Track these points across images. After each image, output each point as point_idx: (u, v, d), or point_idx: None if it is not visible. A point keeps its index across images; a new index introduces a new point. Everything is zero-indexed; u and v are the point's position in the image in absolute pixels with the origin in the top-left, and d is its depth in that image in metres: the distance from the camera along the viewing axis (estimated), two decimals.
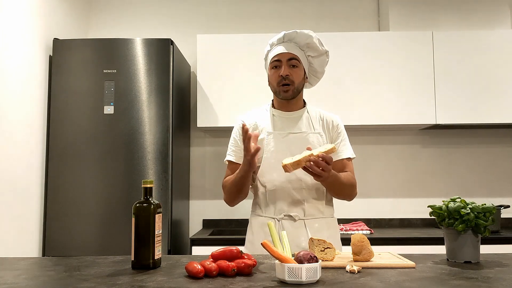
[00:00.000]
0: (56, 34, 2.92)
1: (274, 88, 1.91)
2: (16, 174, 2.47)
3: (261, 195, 1.89)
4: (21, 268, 1.44)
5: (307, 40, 1.87)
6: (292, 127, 1.91)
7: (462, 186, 3.38)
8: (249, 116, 1.98)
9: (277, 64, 1.88)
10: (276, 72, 1.88)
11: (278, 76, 1.86)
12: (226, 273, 1.28)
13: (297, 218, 1.83)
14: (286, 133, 1.89)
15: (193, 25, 3.55)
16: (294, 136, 1.88)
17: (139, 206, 1.41)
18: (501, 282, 1.19)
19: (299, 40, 1.88)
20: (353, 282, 1.21)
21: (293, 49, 1.87)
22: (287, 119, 1.93)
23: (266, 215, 1.86)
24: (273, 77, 1.89)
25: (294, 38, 1.88)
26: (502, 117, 3.03)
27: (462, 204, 1.49)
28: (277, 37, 1.90)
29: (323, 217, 1.88)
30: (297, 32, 1.87)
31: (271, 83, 1.92)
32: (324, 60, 1.94)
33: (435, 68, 3.08)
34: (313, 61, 1.93)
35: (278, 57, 1.87)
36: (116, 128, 2.72)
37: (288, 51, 1.86)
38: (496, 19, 3.28)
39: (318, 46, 1.90)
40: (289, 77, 1.85)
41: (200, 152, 3.46)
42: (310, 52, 1.90)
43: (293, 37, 1.88)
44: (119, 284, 1.20)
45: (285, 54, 1.86)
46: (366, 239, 1.48)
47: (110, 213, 2.67)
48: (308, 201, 1.84)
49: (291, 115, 1.93)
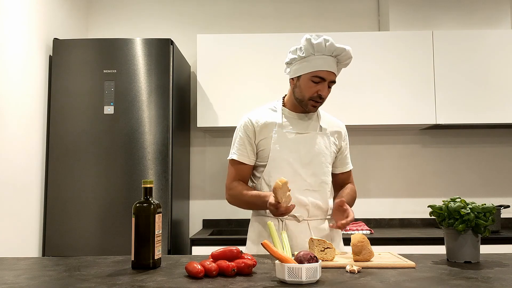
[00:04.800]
0: (56, 34, 2.92)
1: (303, 98, 1.84)
2: (16, 174, 2.47)
3: None
4: (21, 268, 1.44)
5: (347, 60, 1.84)
6: (300, 127, 1.89)
7: (462, 186, 3.38)
8: (256, 114, 1.93)
9: (319, 80, 1.79)
10: (314, 88, 1.80)
11: (315, 92, 1.80)
12: (226, 273, 1.28)
13: (301, 219, 1.83)
14: (294, 133, 1.87)
15: (193, 25, 3.55)
16: (302, 137, 1.87)
17: (139, 206, 1.41)
18: (501, 282, 1.20)
19: (342, 58, 1.82)
20: (353, 282, 1.21)
21: (335, 68, 1.82)
22: (297, 119, 1.90)
23: (269, 215, 1.85)
24: (309, 91, 1.81)
25: (340, 54, 1.81)
26: (502, 117, 3.03)
27: (462, 204, 1.49)
28: (325, 44, 1.78)
29: (327, 217, 1.89)
30: (346, 50, 1.80)
31: (302, 92, 1.83)
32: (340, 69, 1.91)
33: (435, 68, 3.07)
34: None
35: (324, 74, 1.79)
36: (116, 128, 2.72)
37: (333, 71, 1.81)
38: (496, 19, 3.28)
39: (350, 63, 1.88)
40: (323, 97, 1.83)
41: (200, 152, 3.46)
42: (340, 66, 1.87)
43: (340, 53, 1.81)
44: (119, 284, 1.20)
45: (331, 74, 1.80)
46: (366, 239, 1.48)
47: (110, 213, 2.67)
48: (312, 202, 1.84)
49: (302, 117, 1.91)
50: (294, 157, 1.84)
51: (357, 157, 3.39)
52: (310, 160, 1.85)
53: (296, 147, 1.85)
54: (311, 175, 1.85)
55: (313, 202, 1.84)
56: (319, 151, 1.87)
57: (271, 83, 3.06)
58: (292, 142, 1.85)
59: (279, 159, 1.84)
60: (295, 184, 1.81)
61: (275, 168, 1.85)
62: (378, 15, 3.56)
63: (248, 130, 1.90)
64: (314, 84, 1.80)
